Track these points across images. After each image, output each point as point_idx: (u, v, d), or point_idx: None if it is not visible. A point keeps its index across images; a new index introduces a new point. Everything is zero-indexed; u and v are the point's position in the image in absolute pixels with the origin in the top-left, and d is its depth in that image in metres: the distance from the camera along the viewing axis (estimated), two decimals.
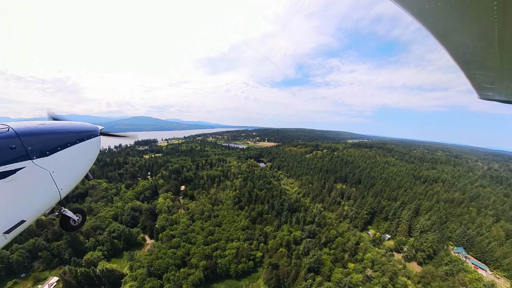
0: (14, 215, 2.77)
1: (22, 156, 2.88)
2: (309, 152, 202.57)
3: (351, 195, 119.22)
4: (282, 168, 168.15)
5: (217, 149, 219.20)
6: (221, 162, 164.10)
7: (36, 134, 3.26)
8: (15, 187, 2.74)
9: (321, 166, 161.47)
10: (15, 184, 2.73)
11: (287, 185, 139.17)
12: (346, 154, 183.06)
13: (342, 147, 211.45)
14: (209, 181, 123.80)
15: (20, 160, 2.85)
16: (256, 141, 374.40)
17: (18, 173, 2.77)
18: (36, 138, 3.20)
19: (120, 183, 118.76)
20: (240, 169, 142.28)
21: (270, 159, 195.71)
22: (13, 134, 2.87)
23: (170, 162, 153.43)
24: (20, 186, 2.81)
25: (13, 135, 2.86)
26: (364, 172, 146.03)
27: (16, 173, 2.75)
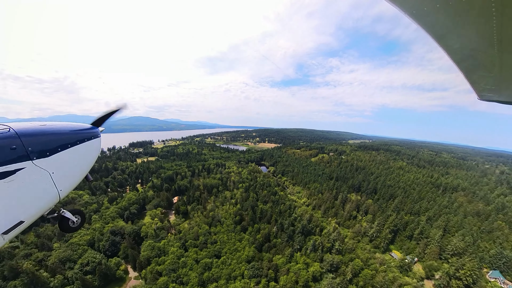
0: (13, 215, 2.73)
1: (22, 156, 2.85)
2: (314, 155, 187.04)
3: (369, 209, 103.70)
4: (286, 173, 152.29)
5: (216, 152, 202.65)
6: (220, 167, 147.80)
7: (37, 134, 3.22)
8: (15, 187, 2.72)
9: (330, 172, 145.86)
10: (14, 185, 2.71)
11: (294, 195, 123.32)
12: (355, 158, 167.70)
13: (349, 150, 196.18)
14: (206, 192, 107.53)
15: (20, 160, 2.82)
16: (256, 142, 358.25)
17: (18, 173, 2.75)
18: (36, 139, 3.16)
19: (104, 195, 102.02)
20: (241, 176, 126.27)
21: (273, 163, 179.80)
22: (13, 135, 2.84)
23: (163, 168, 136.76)
24: (19, 187, 2.78)
25: (13, 135, 2.84)
26: (379, 180, 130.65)
27: (16, 173, 2.73)
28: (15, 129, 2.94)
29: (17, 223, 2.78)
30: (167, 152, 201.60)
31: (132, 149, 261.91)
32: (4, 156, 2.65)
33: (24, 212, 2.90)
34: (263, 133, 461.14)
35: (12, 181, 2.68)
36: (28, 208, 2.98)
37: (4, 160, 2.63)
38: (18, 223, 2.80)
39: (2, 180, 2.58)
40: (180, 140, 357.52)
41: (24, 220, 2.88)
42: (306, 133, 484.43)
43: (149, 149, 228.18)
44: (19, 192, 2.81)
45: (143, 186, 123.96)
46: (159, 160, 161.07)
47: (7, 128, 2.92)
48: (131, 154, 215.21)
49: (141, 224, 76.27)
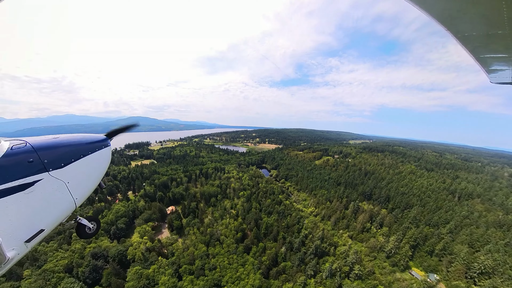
0: (34, 224, 2.87)
1: (40, 169, 3.00)
2: (318, 157, 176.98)
3: (384, 220, 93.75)
4: (290, 178, 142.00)
5: (214, 155, 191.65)
6: (219, 172, 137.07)
7: (51, 147, 3.37)
8: (34, 198, 2.87)
9: (337, 177, 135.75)
10: (34, 195, 2.86)
11: (300, 203, 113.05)
12: (362, 161, 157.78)
13: (354, 152, 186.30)
14: (203, 202, 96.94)
15: (38, 172, 2.97)
16: (256, 143, 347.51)
17: (36, 185, 2.90)
18: (51, 152, 3.31)
19: (90, 207, 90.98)
20: (241, 182, 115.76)
21: (275, 166, 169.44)
22: (30, 149, 3.00)
23: (157, 173, 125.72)
24: (38, 197, 2.93)
25: (30, 149, 3.00)
26: (391, 187, 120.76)
27: (34, 185, 2.88)
28: (31, 143, 3.09)
29: (38, 231, 2.91)
30: (163, 154, 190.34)
31: (127, 150, 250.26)
32: (23, 169, 2.81)
33: (44, 221, 3.02)
34: (263, 133, 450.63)
35: (32, 192, 2.83)
36: (48, 217, 3.10)
37: (23, 173, 2.78)
38: (39, 231, 2.93)
39: (23, 192, 2.73)
40: (178, 141, 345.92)
41: (44, 229, 3.00)
42: (306, 133, 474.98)
43: (145, 151, 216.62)
44: (38, 202, 2.94)
45: (135, 194, 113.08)
46: (154, 164, 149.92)
47: (24, 142, 3.05)
48: (126, 156, 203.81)
49: (128, 244, 65.40)
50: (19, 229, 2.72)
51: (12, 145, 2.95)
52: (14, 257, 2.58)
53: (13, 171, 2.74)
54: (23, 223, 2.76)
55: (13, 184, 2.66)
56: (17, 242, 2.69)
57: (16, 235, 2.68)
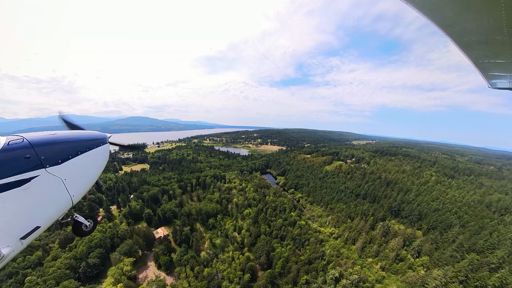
0: (30, 221, 2.83)
1: (36, 165, 2.95)
2: (328, 162, 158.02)
3: (422, 247, 74.95)
4: (300, 188, 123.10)
5: (214, 159, 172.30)
6: (218, 180, 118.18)
7: (49, 144, 3.30)
8: (30, 194, 2.82)
9: (355, 187, 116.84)
10: (30, 192, 2.81)
11: (315, 220, 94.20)
12: (380, 168, 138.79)
13: (368, 157, 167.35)
14: (200, 222, 78.11)
15: (34, 169, 2.92)
16: (258, 144, 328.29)
17: (32, 181, 2.85)
18: (48, 148, 3.24)
19: (59, 231, 71.95)
20: (245, 195, 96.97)
21: (282, 172, 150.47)
22: (27, 145, 2.93)
23: (147, 183, 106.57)
24: (34, 194, 2.88)
25: (27, 145, 2.93)
26: (421, 200, 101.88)
27: (31, 181, 2.83)
28: (28, 139, 3.02)
29: (34, 228, 2.86)
30: (158, 158, 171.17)
31: (121, 153, 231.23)
32: (20, 165, 2.76)
33: (40, 218, 2.98)
34: (264, 134, 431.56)
35: (28, 189, 2.78)
36: (44, 214, 3.05)
37: (20, 169, 2.73)
38: (35, 228, 2.88)
39: (19, 188, 2.68)
40: (177, 142, 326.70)
41: (40, 225, 2.96)
42: (308, 134, 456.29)
43: (139, 154, 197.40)
44: (35, 199, 2.88)
45: (120, 209, 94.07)
46: (145, 171, 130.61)
47: (21, 138, 2.99)
48: (118, 159, 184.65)
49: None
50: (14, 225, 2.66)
51: (9, 141, 2.86)
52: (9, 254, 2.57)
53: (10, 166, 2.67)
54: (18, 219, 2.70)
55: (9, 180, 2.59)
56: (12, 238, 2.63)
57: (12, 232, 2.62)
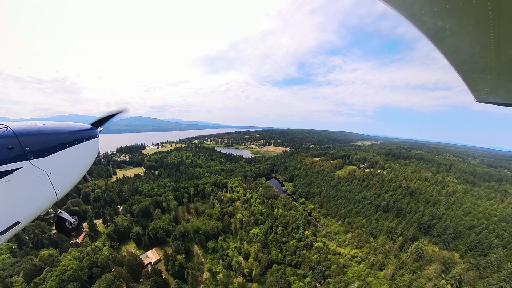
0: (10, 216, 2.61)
1: (20, 156, 2.74)
2: (339, 167, 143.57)
3: (464, 276, 60.55)
4: (311, 197, 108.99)
5: (215, 162, 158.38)
6: (219, 189, 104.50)
7: (35, 134, 3.08)
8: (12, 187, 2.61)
9: (374, 197, 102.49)
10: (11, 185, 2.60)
11: (332, 238, 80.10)
12: (399, 175, 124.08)
13: (382, 161, 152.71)
14: (198, 244, 64.38)
15: (18, 160, 2.70)
16: (260, 146, 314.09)
17: (15, 173, 2.64)
18: (34, 139, 3.02)
19: (27, 258, 58.48)
20: (250, 208, 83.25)
21: (289, 178, 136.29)
22: (11, 134, 2.72)
23: (139, 193, 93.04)
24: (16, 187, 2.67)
25: (11, 134, 2.72)
26: (453, 214, 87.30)
27: (13, 173, 2.62)
28: (13, 128, 2.80)
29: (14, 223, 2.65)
30: (155, 161, 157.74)
31: (118, 155, 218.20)
32: (1, 155, 2.53)
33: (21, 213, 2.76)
34: (267, 134, 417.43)
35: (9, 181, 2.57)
36: (25, 209, 2.83)
37: (1, 159, 2.52)
38: (15, 223, 2.67)
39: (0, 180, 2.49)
40: (177, 143, 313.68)
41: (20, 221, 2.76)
42: (312, 134, 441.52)
43: (136, 157, 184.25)
44: (16, 192, 2.68)
45: (106, 224, 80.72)
46: (139, 177, 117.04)
47: (4, 127, 2.78)
48: (113, 162, 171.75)
49: None
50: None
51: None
52: None
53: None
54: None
55: None
56: None
57: None
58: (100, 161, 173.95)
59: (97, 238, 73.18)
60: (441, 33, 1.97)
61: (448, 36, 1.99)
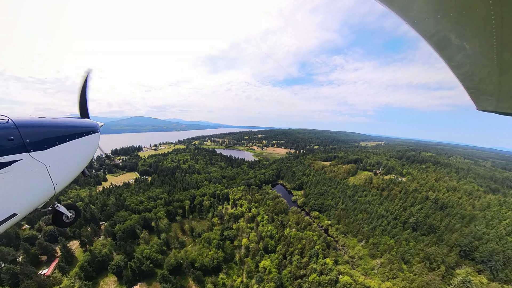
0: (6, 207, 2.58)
1: (19, 148, 2.72)
2: (352, 172, 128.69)
3: None
4: (326, 210, 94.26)
5: (215, 168, 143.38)
6: (220, 201, 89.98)
7: (35, 126, 3.05)
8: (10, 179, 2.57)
9: (398, 211, 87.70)
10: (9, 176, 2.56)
11: (356, 264, 65.35)
12: (423, 184, 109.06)
13: (399, 165, 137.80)
14: (195, 282, 49.75)
15: (17, 152, 2.68)
16: (263, 147, 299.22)
17: (14, 165, 2.60)
18: (34, 131, 3.00)
19: None
20: (257, 229, 68.79)
21: (298, 186, 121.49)
22: (12, 125, 2.69)
23: (126, 208, 78.42)
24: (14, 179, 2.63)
25: (12, 126, 2.69)
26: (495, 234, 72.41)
27: (12, 165, 2.58)
28: (14, 119, 2.77)
29: (10, 215, 2.61)
30: (150, 166, 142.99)
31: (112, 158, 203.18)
32: (1, 146, 2.51)
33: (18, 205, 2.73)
34: (269, 134, 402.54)
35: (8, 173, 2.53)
36: (22, 201, 2.80)
37: (1, 150, 2.49)
38: (11, 215, 2.62)
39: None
40: (176, 144, 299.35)
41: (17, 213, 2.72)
42: (315, 135, 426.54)
43: (131, 160, 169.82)
44: (14, 184, 2.63)
45: (84, 248, 66.13)
46: (128, 186, 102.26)
47: (5, 118, 2.73)
48: (106, 166, 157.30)
49: None
50: None
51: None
52: None
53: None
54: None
55: None
56: None
57: None
58: (92, 165, 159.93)
59: (71, 268, 58.72)
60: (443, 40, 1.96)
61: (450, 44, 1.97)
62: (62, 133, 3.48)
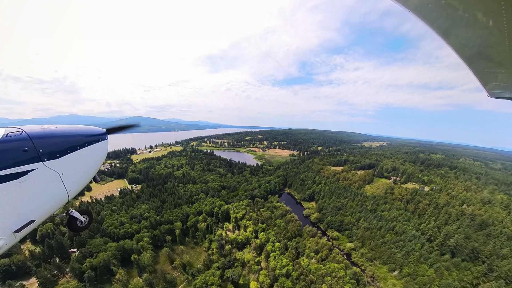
0: (24, 214, 2.74)
1: (34, 158, 2.86)
2: (368, 180, 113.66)
3: None
4: (346, 229, 79.15)
5: (213, 175, 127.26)
6: (219, 220, 74.66)
7: (48, 137, 3.22)
8: (26, 187, 2.74)
9: (433, 231, 72.78)
10: (26, 185, 2.73)
11: None
12: (454, 195, 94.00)
13: (417, 171, 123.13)
14: None
15: (32, 162, 2.83)
16: (264, 148, 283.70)
17: (29, 174, 2.76)
18: (47, 141, 3.15)
19: None
20: (268, 262, 53.74)
21: (309, 196, 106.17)
22: (26, 137, 2.86)
23: (102, 233, 62.65)
24: (30, 187, 2.80)
25: (26, 138, 2.85)
26: None
27: (28, 174, 2.74)
28: (27, 131, 2.95)
29: (28, 222, 2.77)
30: (140, 173, 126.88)
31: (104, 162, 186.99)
32: (17, 157, 2.67)
33: (35, 212, 2.88)
34: (269, 135, 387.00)
35: (24, 182, 2.69)
36: (39, 208, 2.95)
37: (17, 161, 2.64)
38: (29, 222, 2.78)
39: (15, 181, 2.59)
40: (173, 145, 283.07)
41: (35, 219, 2.87)
42: (316, 135, 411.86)
43: (122, 165, 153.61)
44: (31, 192, 2.79)
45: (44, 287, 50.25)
46: (111, 200, 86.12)
47: (20, 130, 2.92)
48: None
49: None
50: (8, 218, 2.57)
51: (8, 133, 2.78)
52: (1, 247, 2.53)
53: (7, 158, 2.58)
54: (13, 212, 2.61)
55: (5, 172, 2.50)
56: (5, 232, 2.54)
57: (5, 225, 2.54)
58: None
59: None
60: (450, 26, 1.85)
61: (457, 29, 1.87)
62: (73, 142, 3.56)
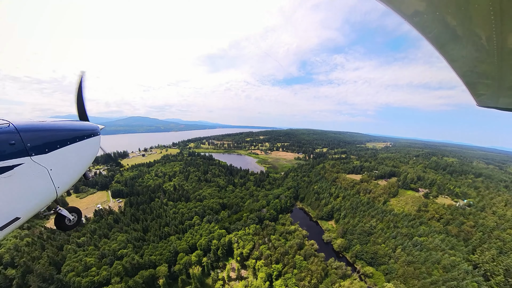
0: (9, 211, 2.57)
1: (21, 152, 2.72)
2: (393, 192, 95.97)
3: None
4: (381, 262, 61.68)
5: (211, 188, 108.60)
6: (219, 258, 56.97)
7: (36, 130, 3.07)
8: (12, 183, 2.58)
9: (491, 265, 55.34)
10: (12, 180, 2.57)
11: None
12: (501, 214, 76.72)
13: (447, 182, 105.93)
14: None
15: (19, 156, 2.68)
16: (267, 151, 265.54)
17: (15, 169, 2.61)
18: (35, 135, 3.00)
19: None
20: None
21: (328, 214, 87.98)
22: (13, 130, 2.71)
23: (58, 284, 44.67)
24: (16, 183, 2.64)
25: (13, 130, 2.71)
26: None
27: (14, 169, 2.59)
28: (15, 124, 2.79)
29: (13, 219, 2.60)
30: (125, 184, 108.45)
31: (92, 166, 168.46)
32: (3, 151, 2.52)
33: (20, 209, 2.73)
34: (271, 136, 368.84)
35: (10, 177, 2.54)
36: (25, 205, 2.81)
37: (3, 155, 2.50)
38: (14, 219, 2.62)
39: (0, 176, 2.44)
40: (170, 147, 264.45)
41: (20, 217, 2.71)
42: (318, 136, 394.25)
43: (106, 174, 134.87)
44: (16, 188, 2.64)
45: None
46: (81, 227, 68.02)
47: (7, 123, 2.76)
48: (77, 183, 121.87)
49: None
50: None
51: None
52: None
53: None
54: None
55: None
56: None
57: None
58: None
59: None
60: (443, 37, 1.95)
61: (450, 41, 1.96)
62: (63, 136, 3.42)
